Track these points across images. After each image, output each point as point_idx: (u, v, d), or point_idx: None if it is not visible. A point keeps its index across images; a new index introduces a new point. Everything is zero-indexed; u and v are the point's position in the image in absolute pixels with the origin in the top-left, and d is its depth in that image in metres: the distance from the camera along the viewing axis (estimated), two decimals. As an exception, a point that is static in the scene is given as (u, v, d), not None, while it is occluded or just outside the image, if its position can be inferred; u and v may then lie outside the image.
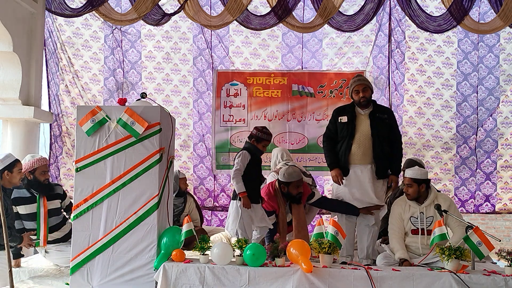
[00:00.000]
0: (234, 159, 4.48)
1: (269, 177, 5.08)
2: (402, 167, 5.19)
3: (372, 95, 4.60)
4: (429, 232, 3.91)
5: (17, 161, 3.97)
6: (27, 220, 4.32)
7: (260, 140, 4.47)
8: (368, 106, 4.52)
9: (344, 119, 4.51)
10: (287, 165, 4.86)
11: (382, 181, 4.51)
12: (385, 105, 6.21)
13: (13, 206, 4.23)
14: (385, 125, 4.47)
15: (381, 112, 4.53)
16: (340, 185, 4.51)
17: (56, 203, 4.48)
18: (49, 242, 4.36)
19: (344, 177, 4.49)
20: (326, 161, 4.67)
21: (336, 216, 4.61)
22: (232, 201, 4.45)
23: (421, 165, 5.12)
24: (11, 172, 3.90)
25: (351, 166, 4.47)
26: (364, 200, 4.45)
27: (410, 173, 4.09)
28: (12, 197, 4.24)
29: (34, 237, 4.30)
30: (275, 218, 4.55)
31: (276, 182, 4.58)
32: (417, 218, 4.00)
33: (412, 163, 5.08)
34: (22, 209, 4.30)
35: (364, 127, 4.46)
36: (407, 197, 4.09)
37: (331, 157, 4.56)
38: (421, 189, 4.03)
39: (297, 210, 4.52)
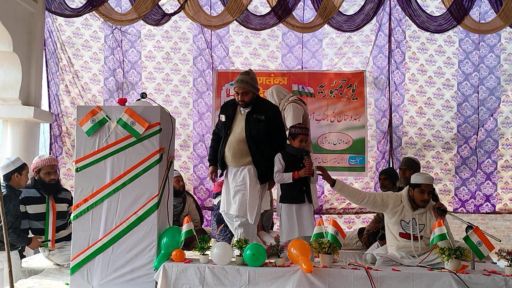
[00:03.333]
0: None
1: None
2: (400, 166, 5.19)
3: (256, 95, 4.19)
4: (421, 238, 3.91)
5: (25, 165, 4.29)
6: (34, 219, 4.35)
7: (295, 136, 4.12)
8: (249, 106, 4.16)
9: (223, 118, 4.25)
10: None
11: (265, 185, 4.23)
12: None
13: (22, 206, 4.30)
14: (261, 127, 4.07)
15: (259, 113, 4.11)
16: (213, 182, 4.60)
17: (63, 207, 4.53)
18: (55, 241, 4.39)
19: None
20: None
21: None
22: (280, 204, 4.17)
23: (418, 164, 5.14)
24: (20, 174, 4.20)
25: (228, 167, 4.24)
26: (243, 206, 4.09)
27: (430, 180, 3.97)
28: (21, 196, 4.30)
29: (42, 238, 4.32)
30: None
31: None
32: (408, 223, 3.96)
33: (412, 162, 5.09)
34: (31, 209, 4.34)
35: (238, 129, 4.15)
36: (420, 204, 3.94)
37: (211, 153, 4.41)
38: None
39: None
